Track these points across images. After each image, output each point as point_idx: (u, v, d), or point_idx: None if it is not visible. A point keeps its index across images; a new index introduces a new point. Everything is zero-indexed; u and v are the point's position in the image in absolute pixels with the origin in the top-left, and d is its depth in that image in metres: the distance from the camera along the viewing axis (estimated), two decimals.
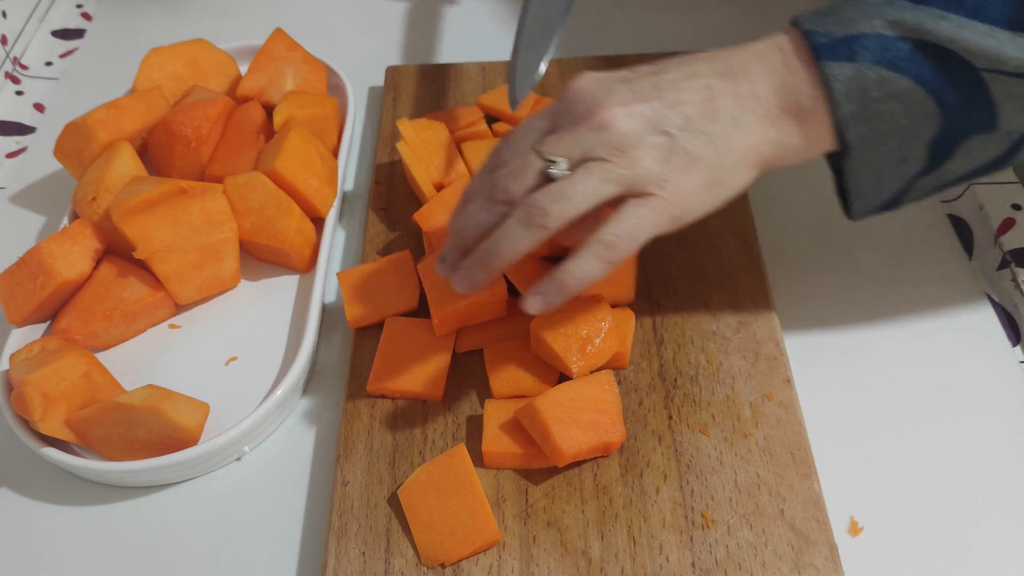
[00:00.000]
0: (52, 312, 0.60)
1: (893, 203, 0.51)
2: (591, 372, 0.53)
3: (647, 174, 0.46)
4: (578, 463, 0.52)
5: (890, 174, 0.49)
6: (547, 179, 0.47)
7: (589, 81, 0.48)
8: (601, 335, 0.53)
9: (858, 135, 0.47)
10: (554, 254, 0.60)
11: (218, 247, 0.61)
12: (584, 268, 0.47)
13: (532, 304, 0.48)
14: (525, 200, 0.47)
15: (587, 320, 0.54)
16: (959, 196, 0.67)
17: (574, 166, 0.46)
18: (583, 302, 0.55)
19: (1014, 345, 0.59)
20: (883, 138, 0.47)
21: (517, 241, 0.47)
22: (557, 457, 0.50)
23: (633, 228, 0.47)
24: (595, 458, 0.52)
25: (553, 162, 0.46)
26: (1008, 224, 0.63)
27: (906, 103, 0.46)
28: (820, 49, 0.46)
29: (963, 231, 0.65)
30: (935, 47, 0.45)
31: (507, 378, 0.55)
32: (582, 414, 0.51)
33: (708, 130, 0.47)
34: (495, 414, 0.53)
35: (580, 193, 0.46)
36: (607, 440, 0.50)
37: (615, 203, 0.47)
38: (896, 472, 0.53)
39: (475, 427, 0.54)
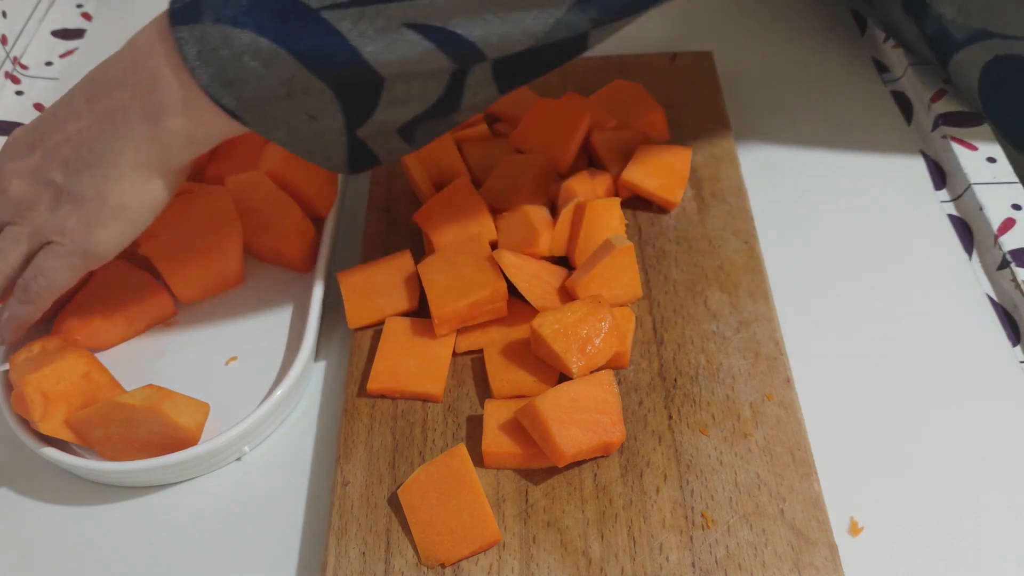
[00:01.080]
0: (54, 311, 0.60)
1: (365, 161, 0.51)
2: (591, 372, 0.53)
3: (43, 224, 0.49)
4: (578, 463, 0.52)
5: (311, 131, 0.48)
6: None
7: (5, 147, 0.51)
8: (601, 335, 0.53)
9: (232, 100, 0.46)
10: (555, 254, 0.60)
11: (222, 246, 0.61)
12: (11, 313, 0.53)
13: None
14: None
15: (587, 320, 0.54)
16: (959, 196, 0.67)
17: None
18: (583, 302, 0.55)
19: (1014, 345, 0.59)
20: (263, 101, 0.46)
21: None
22: (557, 457, 0.50)
23: (46, 272, 0.51)
24: (595, 458, 0.52)
25: None
26: (1008, 224, 0.63)
27: (260, 59, 0.44)
28: (175, 15, 0.45)
29: (963, 231, 0.65)
30: None
31: (507, 378, 0.55)
32: (582, 414, 0.51)
33: (88, 165, 0.48)
34: (495, 414, 0.53)
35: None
36: (607, 440, 0.50)
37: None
38: (896, 472, 0.53)
39: (475, 427, 0.54)
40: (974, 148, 0.69)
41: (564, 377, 0.54)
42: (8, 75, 0.82)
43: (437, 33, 0.44)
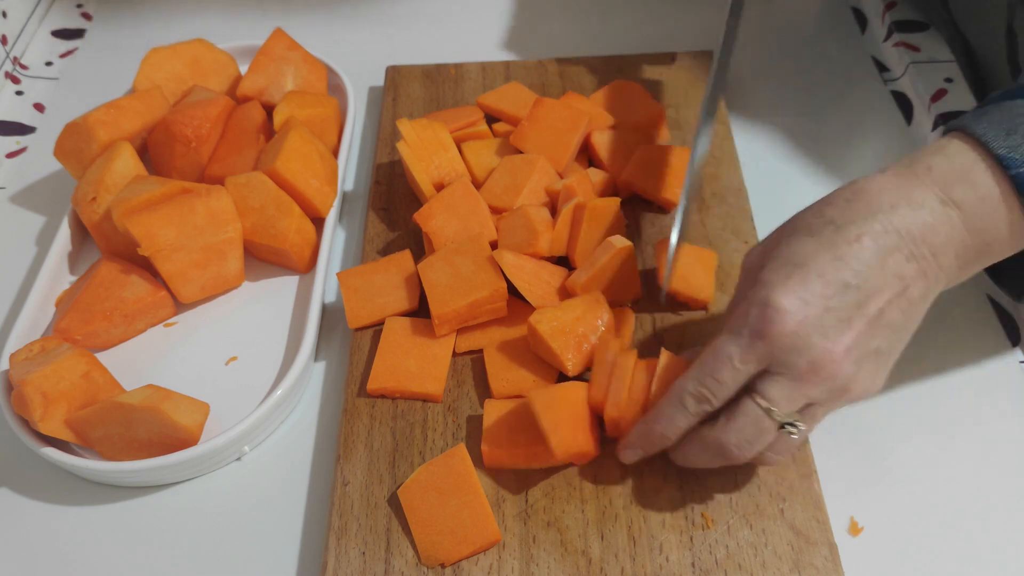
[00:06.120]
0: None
1: None
2: (587, 369, 0.53)
3: (859, 395, 0.46)
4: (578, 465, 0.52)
5: None
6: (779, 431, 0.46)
7: (796, 319, 0.44)
8: (598, 333, 0.53)
9: None
10: (555, 254, 0.60)
11: (222, 247, 0.61)
12: (794, 444, 0.48)
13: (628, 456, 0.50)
14: (761, 454, 0.48)
15: (585, 318, 0.54)
16: None
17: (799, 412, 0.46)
18: (581, 299, 0.55)
19: (1014, 345, 0.59)
20: None
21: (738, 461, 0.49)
22: (558, 454, 0.50)
23: (815, 422, 0.48)
24: (595, 458, 0.52)
25: (793, 426, 0.46)
26: None
27: None
28: (1021, 181, 0.44)
29: None
30: None
31: (507, 378, 0.55)
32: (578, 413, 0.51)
33: (906, 324, 0.46)
34: (495, 414, 0.53)
35: (805, 437, 0.48)
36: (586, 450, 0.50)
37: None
38: (896, 472, 0.53)
39: (475, 427, 0.54)
40: None
41: (564, 376, 0.54)
42: (8, 75, 0.82)
43: None
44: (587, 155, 0.67)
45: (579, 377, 0.54)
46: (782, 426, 0.46)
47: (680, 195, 0.56)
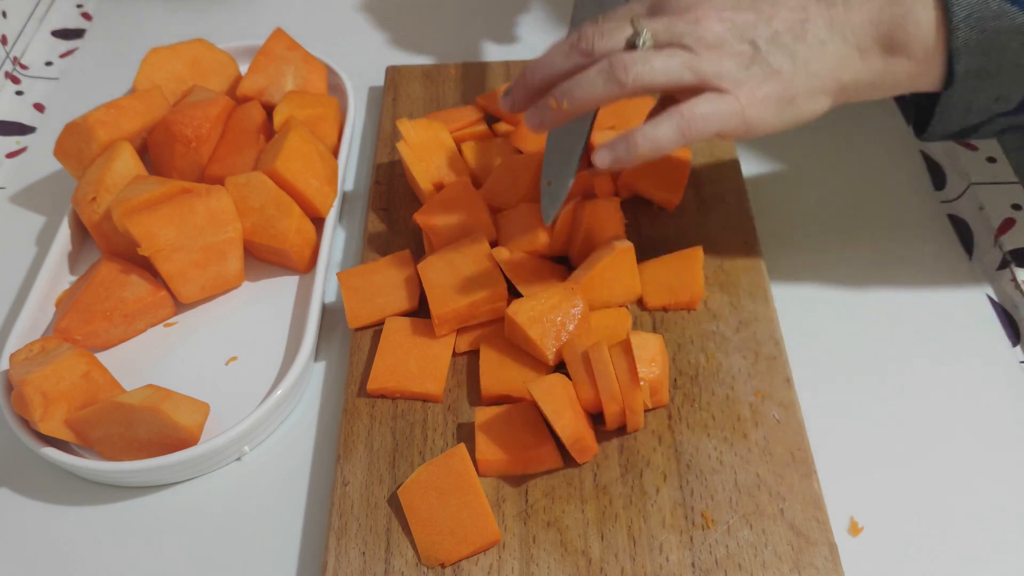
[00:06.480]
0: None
1: (967, 134, 0.52)
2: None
3: (726, 73, 0.48)
4: (577, 465, 0.52)
5: (979, 109, 0.49)
6: (631, 47, 0.49)
7: None
8: (575, 321, 0.54)
9: (967, 66, 0.47)
10: (555, 254, 0.60)
11: (222, 247, 0.61)
12: (659, 133, 0.49)
13: (600, 158, 0.50)
14: (610, 56, 0.49)
15: (561, 307, 0.54)
16: (959, 196, 0.67)
17: (660, 47, 0.49)
18: (557, 289, 0.55)
19: (1014, 345, 0.59)
20: (991, 73, 0.47)
21: (593, 89, 0.49)
22: (564, 438, 0.50)
23: (709, 112, 0.48)
24: (595, 457, 0.52)
25: (640, 34, 0.49)
26: (1008, 224, 0.63)
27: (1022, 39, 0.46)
28: None
29: (963, 231, 0.65)
30: None
31: (499, 376, 0.55)
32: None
33: (792, 48, 0.48)
34: (486, 422, 0.53)
35: (661, 67, 0.48)
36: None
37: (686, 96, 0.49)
38: (896, 472, 0.53)
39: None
40: (974, 148, 0.69)
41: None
42: (8, 75, 0.82)
43: None
44: (587, 155, 0.67)
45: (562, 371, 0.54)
46: (635, 37, 0.48)
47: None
